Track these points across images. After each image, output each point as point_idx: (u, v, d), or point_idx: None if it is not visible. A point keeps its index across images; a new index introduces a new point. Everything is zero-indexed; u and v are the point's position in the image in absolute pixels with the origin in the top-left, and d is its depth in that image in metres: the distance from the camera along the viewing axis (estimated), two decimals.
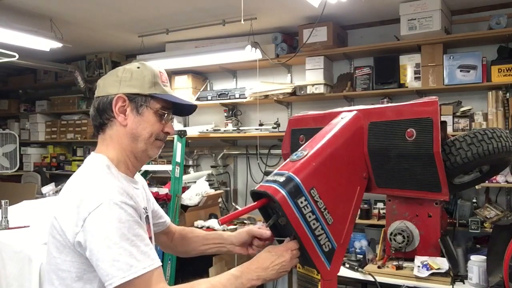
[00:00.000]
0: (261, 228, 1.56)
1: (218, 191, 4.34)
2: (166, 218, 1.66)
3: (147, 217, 1.40)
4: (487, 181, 3.18)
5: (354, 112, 1.48)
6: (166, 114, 1.36)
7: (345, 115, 1.50)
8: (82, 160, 5.66)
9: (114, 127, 1.33)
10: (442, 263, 2.61)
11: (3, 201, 2.91)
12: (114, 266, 1.11)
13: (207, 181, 4.28)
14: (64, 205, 1.21)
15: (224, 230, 3.78)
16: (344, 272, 2.84)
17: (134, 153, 1.34)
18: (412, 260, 2.72)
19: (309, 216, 1.26)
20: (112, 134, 1.33)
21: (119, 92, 1.31)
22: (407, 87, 3.72)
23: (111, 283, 1.11)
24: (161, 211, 1.64)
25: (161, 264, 1.20)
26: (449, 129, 3.49)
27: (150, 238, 1.42)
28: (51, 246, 1.24)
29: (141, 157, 1.36)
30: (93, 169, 1.28)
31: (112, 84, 1.32)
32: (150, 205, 1.52)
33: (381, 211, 3.70)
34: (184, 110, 1.47)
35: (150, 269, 1.15)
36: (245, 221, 3.92)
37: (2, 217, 2.89)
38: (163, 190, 3.80)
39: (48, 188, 4.70)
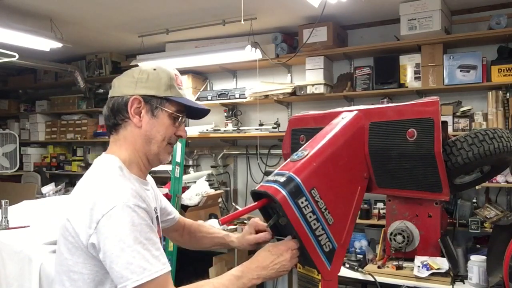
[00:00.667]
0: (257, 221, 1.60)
1: (218, 191, 4.34)
2: (175, 214, 1.68)
3: (157, 217, 1.40)
4: (487, 181, 3.18)
5: (355, 112, 1.48)
6: (180, 117, 1.36)
7: (345, 115, 1.50)
8: (82, 160, 5.71)
9: (129, 128, 1.33)
10: (442, 263, 2.61)
11: (3, 201, 2.90)
12: (128, 269, 1.12)
13: (207, 181, 4.28)
14: (77, 207, 1.21)
15: (224, 230, 3.77)
16: (344, 272, 2.84)
17: (147, 155, 1.35)
18: (412, 260, 2.72)
19: (310, 216, 1.26)
20: (126, 135, 1.33)
21: (135, 93, 1.31)
22: (407, 87, 3.72)
23: (125, 285, 1.12)
24: (169, 207, 1.66)
25: (170, 268, 1.20)
26: (449, 129, 3.49)
27: (160, 238, 1.43)
28: (63, 247, 1.24)
29: (153, 160, 1.37)
30: (106, 170, 1.27)
31: (128, 84, 1.32)
32: (158, 203, 1.53)
33: (381, 211, 3.70)
34: (197, 113, 1.47)
35: (162, 273, 1.15)
36: (245, 221, 3.92)
37: (2, 217, 2.89)
38: (163, 190, 3.79)
39: (48, 188, 4.70)
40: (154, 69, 1.34)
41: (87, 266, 1.20)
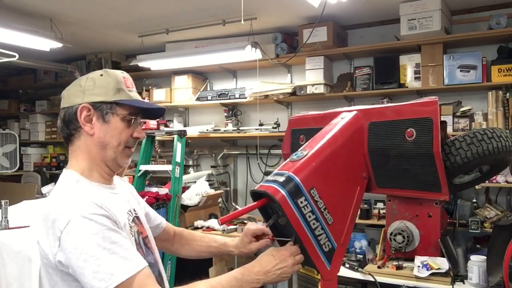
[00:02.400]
0: (252, 224, 1.57)
1: (218, 191, 4.34)
2: (161, 220, 1.65)
3: (136, 217, 1.39)
4: (487, 181, 3.18)
5: (354, 112, 1.48)
6: (133, 120, 1.34)
7: (345, 115, 1.50)
8: None
9: (82, 137, 1.32)
10: (442, 263, 2.61)
11: (3, 201, 2.90)
12: (95, 278, 1.11)
13: (207, 181, 4.28)
14: (41, 228, 1.22)
15: (224, 230, 3.78)
16: (344, 272, 2.84)
17: (104, 161, 1.33)
18: (412, 260, 2.72)
19: (309, 216, 1.26)
20: (80, 144, 1.33)
21: (84, 101, 1.30)
22: (407, 87, 3.72)
23: None
24: (154, 214, 1.63)
25: (146, 264, 1.18)
26: (449, 129, 3.49)
27: (146, 237, 1.43)
28: (43, 269, 1.26)
29: (112, 165, 1.35)
30: (62, 187, 1.28)
31: (76, 94, 1.32)
32: (142, 207, 1.52)
33: (381, 211, 3.70)
34: (153, 113, 1.46)
35: (134, 272, 1.14)
36: (245, 221, 3.92)
37: (2, 217, 2.89)
38: (163, 190, 3.80)
39: (48, 188, 4.67)
40: (101, 75, 1.33)
41: (66, 283, 1.20)
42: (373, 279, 2.69)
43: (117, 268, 1.12)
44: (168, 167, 3.79)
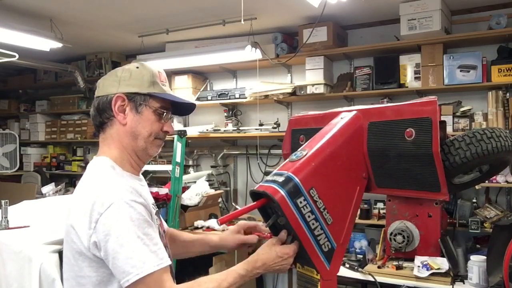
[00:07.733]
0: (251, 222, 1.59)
1: (218, 191, 4.34)
2: (164, 223, 1.66)
3: (157, 212, 1.42)
4: (487, 181, 3.18)
5: (354, 112, 1.49)
6: (165, 113, 1.37)
7: (344, 115, 1.50)
8: (82, 160, 5.71)
9: (114, 126, 1.35)
10: (442, 263, 2.61)
11: (3, 201, 2.90)
12: (128, 264, 1.15)
13: (207, 181, 4.28)
14: (77, 212, 1.23)
15: (223, 230, 3.78)
16: (344, 272, 2.84)
17: (135, 151, 1.36)
18: (412, 260, 2.72)
19: (308, 216, 1.27)
20: (112, 133, 1.35)
21: (118, 91, 1.33)
22: (407, 87, 3.72)
23: (128, 279, 1.15)
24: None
25: (170, 262, 1.22)
26: (449, 129, 3.49)
27: (164, 232, 1.46)
28: (69, 253, 1.27)
29: (142, 155, 1.38)
30: (99, 172, 1.30)
31: (112, 84, 1.34)
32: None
33: (381, 211, 3.69)
34: (183, 109, 1.48)
35: (160, 267, 1.17)
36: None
37: (2, 217, 2.89)
38: (163, 190, 3.80)
39: (48, 188, 4.70)
40: (137, 67, 1.36)
41: (93, 268, 1.22)
42: (373, 279, 2.69)
43: (148, 259, 1.16)
44: (168, 167, 3.79)
